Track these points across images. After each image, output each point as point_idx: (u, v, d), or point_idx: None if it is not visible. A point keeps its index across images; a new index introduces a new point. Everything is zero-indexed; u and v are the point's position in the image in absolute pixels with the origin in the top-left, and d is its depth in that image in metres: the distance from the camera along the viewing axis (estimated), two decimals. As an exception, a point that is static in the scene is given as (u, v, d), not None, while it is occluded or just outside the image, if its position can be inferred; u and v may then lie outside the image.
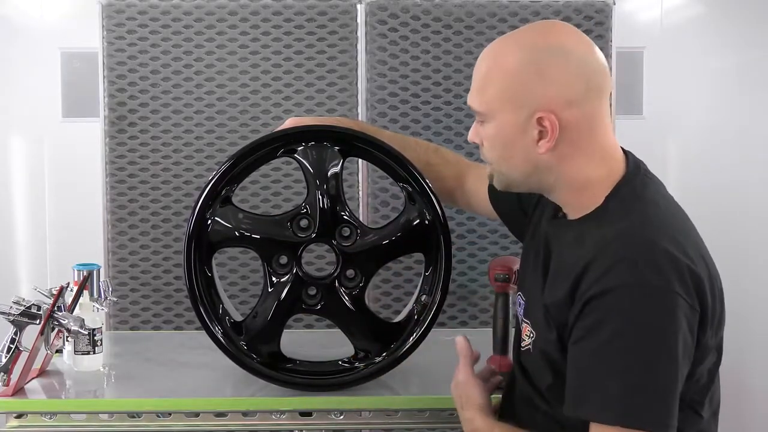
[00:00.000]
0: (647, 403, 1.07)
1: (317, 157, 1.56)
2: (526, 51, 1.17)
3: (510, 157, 1.22)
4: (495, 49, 1.22)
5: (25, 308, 1.58)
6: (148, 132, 2.26)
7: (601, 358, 1.10)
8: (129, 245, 2.27)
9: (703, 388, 1.18)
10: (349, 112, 2.28)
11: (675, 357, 1.08)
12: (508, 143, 1.21)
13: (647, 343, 1.08)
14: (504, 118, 1.19)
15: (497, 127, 1.21)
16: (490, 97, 1.20)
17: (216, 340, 1.56)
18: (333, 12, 2.27)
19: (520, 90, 1.17)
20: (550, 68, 1.15)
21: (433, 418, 1.59)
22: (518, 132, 1.19)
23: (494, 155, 1.25)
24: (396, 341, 1.59)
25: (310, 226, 1.55)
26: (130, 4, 2.24)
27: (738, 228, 2.74)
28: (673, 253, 1.10)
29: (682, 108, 2.86)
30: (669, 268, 1.09)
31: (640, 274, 1.08)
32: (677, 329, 1.08)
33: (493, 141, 1.23)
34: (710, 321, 1.13)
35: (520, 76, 1.17)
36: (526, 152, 1.20)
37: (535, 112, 1.16)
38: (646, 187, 1.20)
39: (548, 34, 1.19)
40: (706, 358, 1.16)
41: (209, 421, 1.55)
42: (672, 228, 1.15)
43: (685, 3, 2.91)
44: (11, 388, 1.55)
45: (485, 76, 1.22)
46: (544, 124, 1.16)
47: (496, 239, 2.31)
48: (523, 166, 1.22)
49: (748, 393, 2.67)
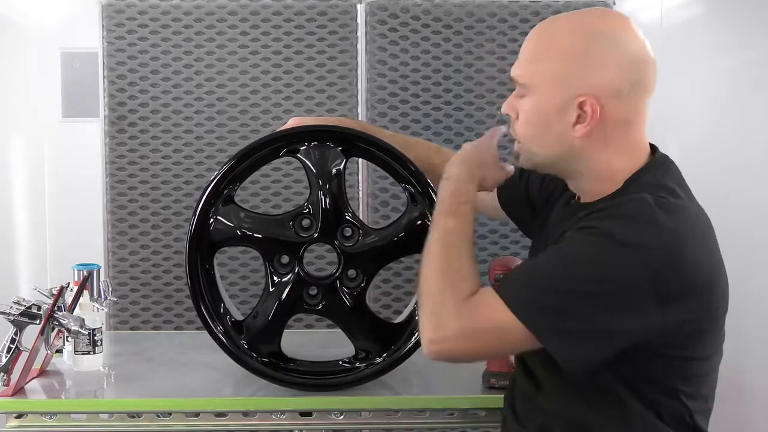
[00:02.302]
0: (541, 306, 1.12)
1: (320, 157, 1.56)
2: (584, 34, 1.19)
3: (543, 136, 1.22)
4: (553, 26, 1.23)
5: (25, 308, 1.57)
6: (148, 132, 2.26)
7: (535, 263, 1.20)
8: (129, 245, 2.27)
9: (700, 381, 1.19)
10: (349, 112, 2.28)
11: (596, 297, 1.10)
12: (544, 121, 1.21)
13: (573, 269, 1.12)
14: (547, 94, 1.19)
15: (537, 103, 1.21)
16: (538, 71, 1.20)
17: (217, 339, 1.56)
18: (333, 12, 2.27)
19: (569, 70, 1.18)
20: (603, 56, 1.17)
21: (433, 418, 1.59)
22: (557, 111, 1.19)
23: (527, 132, 1.24)
24: (397, 342, 1.59)
25: (312, 226, 1.55)
26: (130, 4, 2.24)
27: (738, 228, 2.73)
28: (670, 230, 1.11)
29: (682, 108, 2.86)
30: (653, 238, 1.10)
31: (615, 228, 1.11)
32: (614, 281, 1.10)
33: (529, 116, 1.23)
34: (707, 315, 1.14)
35: (572, 57, 1.18)
36: (561, 134, 1.20)
37: (578, 96, 1.17)
38: (667, 176, 1.21)
39: (606, 21, 1.21)
40: (716, 352, 1.18)
41: (209, 421, 1.55)
42: (684, 212, 1.16)
43: (685, 3, 2.91)
44: (11, 388, 1.55)
45: (537, 49, 1.22)
46: (585, 109, 1.17)
47: (496, 239, 2.31)
48: (555, 147, 1.22)
49: (748, 393, 2.67)
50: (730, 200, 2.98)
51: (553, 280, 1.13)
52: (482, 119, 2.31)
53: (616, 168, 1.21)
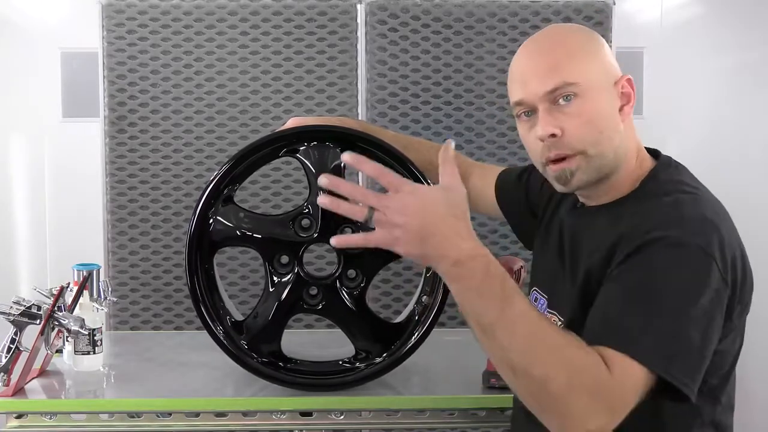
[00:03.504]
0: (675, 352, 1.03)
1: (319, 157, 1.55)
2: (583, 31, 1.25)
3: (604, 132, 1.19)
4: (557, 32, 1.25)
5: (25, 308, 1.57)
6: (148, 132, 2.26)
7: (633, 296, 1.06)
8: (129, 245, 2.27)
9: (724, 376, 1.17)
10: (349, 112, 2.28)
11: (708, 317, 1.06)
12: (603, 114, 1.19)
13: (683, 294, 1.05)
14: (597, 87, 1.19)
15: (592, 99, 1.18)
16: (582, 68, 1.19)
17: (217, 340, 1.56)
18: (333, 12, 2.27)
19: (600, 59, 1.20)
20: (604, 45, 1.23)
21: (433, 418, 1.59)
22: (608, 100, 1.19)
23: (590, 136, 1.19)
24: (397, 342, 1.58)
25: (312, 226, 1.55)
26: (130, 4, 2.24)
27: (738, 228, 2.74)
28: (718, 226, 1.11)
29: (682, 108, 2.86)
30: (714, 238, 1.09)
31: (685, 233, 1.08)
32: (710, 290, 1.06)
33: (589, 116, 1.18)
34: (738, 301, 1.13)
35: (592, 48, 1.21)
36: (616, 123, 1.20)
37: (618, 78, 1.20)
38: (681, 173, 1.22)
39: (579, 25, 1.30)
40: (731, 335, 1.15)
41: (209, 421, 1.55)
42: (713, 205, 1.17)
43: (685, 3, 2.91)
44: (11, 388, 1.55)
45: (567, 52, 1.20)
46: (624, 90, 1.20)
47: (496, 239, 2.30)
48: (616, 139, 1.20)
49: (748, 394, 2.68)
50: (730, 200, 2.97)
51: (668, 314, 1.04)
52: (482, 119, 2.31)
53: (640, 159, 1.23)
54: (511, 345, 1.01)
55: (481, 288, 1.02)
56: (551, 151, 1.19)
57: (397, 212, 1.02)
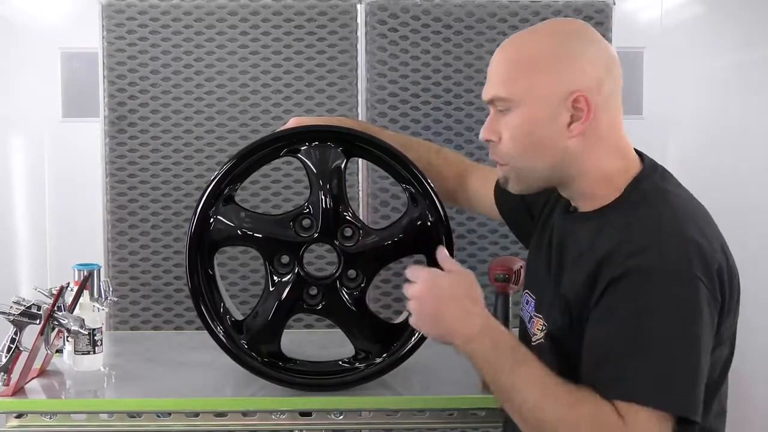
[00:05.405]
0: (675, 386, 1.06)
1: (320, 157, 1.56)
2: (558, 37, 1.20)
3: (536, 148, 1.20)
4: (523, 39, 1.23)
5: (25, 308, 1.57)
6: (148, 132, 2.26)
7: (624, 338, 1.09)
8: (129, 245, 2.27)
9: (715, 383, 1.17)
10: (349, 112, 2.28)
11: (698, 342, 1.07)
12: (536, 131, 1.19)
13: (670, 325, 1.07)
14: (537, 102, 1.18)
15: (526, 114, 1.19)
16: (522, 83, 1.18)
17: (217, 339, 1.56)
18: (333, 12, 2.27)
19: (555, 73, 1.17)
20: (582, 52, 1.18)
21: (433, 418, 1.59)
22: (549, 117, 1.18)
23: (517, 148, 1.21)
24: (397, 342, 1.58)
25: (313, 226, 1.55)
26: (130, 4, 2.24)
27: (738, 228, 2.73)
28: (699, 242, 1.11)
29: (682, 108, 2.86)
30: (695, 256, 1.09)
31: (666, 258, 1.09)
32: (700, 316, 1.08)
33: (518, 131, 1.20)
34: (727, 311, 1.14)
35: (555, 59, 1.18)
36: (554, 140, 1.19)
37: (570, 94, 1.16)
38: (665, 180, 1.22)
39: (573, 24, 1.24)
40: (719, 347, 1.16)
41: (209, 421, 1.55)
42: (696, 217, 1.16)
43: (685, 3, 2.91)
44: (11, 388, 1.55)
45: (516, 62, 1.20)
46: (579, 106, 1.17)
47: (496, 239, 2.31)
48: (549, 156, 1.20)
49: (749, 395, 2.67)
50: (729, 199, 2.98)
51: (664, 352, 1.07)
52: (482, 119, 2.29)
53: (610, 169, 1.21)
54: (525, 405, 1.12)
55: (492, 358, 1.16)
56: (491, 155, 1.26)
57: (413, 300, 1.23)
